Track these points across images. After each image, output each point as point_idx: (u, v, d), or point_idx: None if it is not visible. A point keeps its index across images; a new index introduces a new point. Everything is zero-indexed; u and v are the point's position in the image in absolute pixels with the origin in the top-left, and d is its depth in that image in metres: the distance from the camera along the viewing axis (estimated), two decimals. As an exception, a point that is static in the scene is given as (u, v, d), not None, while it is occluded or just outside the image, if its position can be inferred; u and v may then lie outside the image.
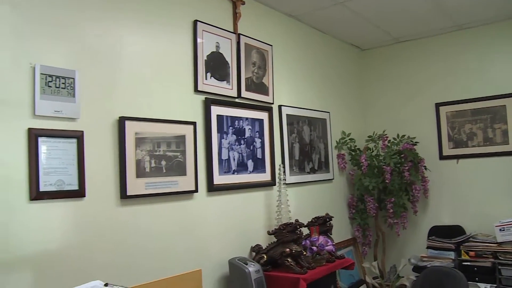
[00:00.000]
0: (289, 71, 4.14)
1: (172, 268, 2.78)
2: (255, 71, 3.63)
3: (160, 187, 2.76)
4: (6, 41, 2.19)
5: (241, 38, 3.52)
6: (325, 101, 4.66)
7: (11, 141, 2.16)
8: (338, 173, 4.77)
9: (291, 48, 4.20)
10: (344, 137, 4.85)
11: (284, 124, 3.93)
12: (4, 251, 2.11)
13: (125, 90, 2.67)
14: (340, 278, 4.30)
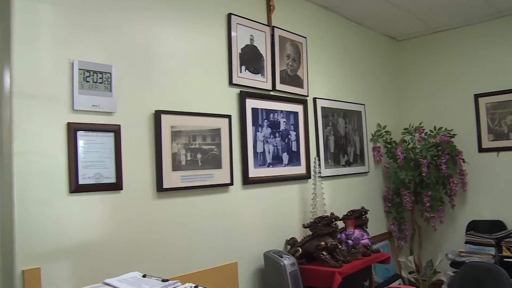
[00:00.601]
0: (324, 63, 4.10)
1: (207, 260, 2.81)
2: (289, 63, 3.61)
3: (196, 180, 2.79)
4: (46, 38, 2.25)
5: (275, 30, 3.50)
6: (360, 93, 4.60)
7: (51, 135, 2.23)
8: (374, 166, 4.71)
9: (326, 40, 4.16)
10: (379, 130, 4.78)
11: (319, 117, 3.90)
12: (46, 242, 2.18)
13: (160, 84, 2.70)
14: (375, 272, 4.26)
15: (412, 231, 4.86)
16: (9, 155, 2.15)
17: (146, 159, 2.59)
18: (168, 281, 1.70)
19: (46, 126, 2.21)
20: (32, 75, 2.19)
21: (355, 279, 3.26)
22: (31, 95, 2.18)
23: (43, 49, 2.24)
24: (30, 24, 2.21)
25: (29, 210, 2.14)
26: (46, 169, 2.20)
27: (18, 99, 2.14)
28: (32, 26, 2.21)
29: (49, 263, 2.18)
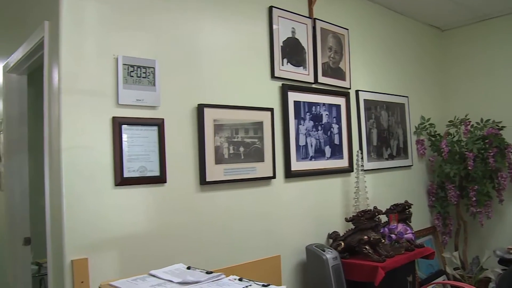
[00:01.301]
0: (366, 55, 4.03)
1: (250, 253, 2.82)
2: (331, 56, 3.57)
3: (239, 173, 2.80)
4: (92, 35, 2.31)
5: (316, 22, 3.46)
6: (404, 85, 4.50)
7: (97, 129, 2.28)
8: (417, 159, 4.61)
9: (368, 31, 4.09)
10: (423, 122, 4.68)
11: (362, 109, 3.85)
12: (93, 233, 2.25)
13: (203, 78, 2.72)
14: (418, 268, 4.18)
15: (457, 226, 4.73)
16: (57, 149, 2.21)
17: (189, 153, 2.62)
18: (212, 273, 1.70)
19: (92, 120, 2.27)
20: (79, 71, 2.25)
21: (398, 274, 3.20)
22: (78, 91, 2.24)
23: (89, 46, 2.29)
24: (77, 21, 2.27)
25: (77, 203, 2.21)
26: (93, 163, 2.26)
27: (66, 95, 2.21)
28: (78, 24, 2.27)
29: (96, 254, 2.24)
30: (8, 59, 3.18)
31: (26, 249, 3.27)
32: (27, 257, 3.30)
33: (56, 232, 2.28)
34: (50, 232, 2.36)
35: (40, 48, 2.57)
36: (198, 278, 1.64)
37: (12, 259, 3.25)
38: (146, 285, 1.61)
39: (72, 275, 2.18)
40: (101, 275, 2.21)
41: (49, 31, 2.38)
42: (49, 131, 2.36)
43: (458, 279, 4.30)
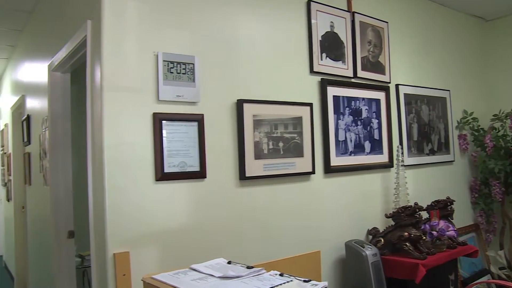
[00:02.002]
0: (406, 49, 3.95)
1: (289, 248, 2.81)
2: (370, 49, 3.51)
3: (278, 169, 2.80)
4: (133, 33, 2.34)
5: (355, 16, 3.41)
6: (445, 79, 4.38)
7: (138, 125, 2.32)
8: (459, 154, 4.50)
9: (408, 24, 4.00)
10: (466, 117, 4.55)
11: (402, 104, 3.78)
12: (135, 228, 2.29)
13: (242, 73, 2.72)
14: (461, 266, 4.08)
15: (502, 224, 4.59)
16: (100, 145, 2.26)
17: (229, 148, 2.63)
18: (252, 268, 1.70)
19: (133, 116, 2.30)
20: (120, 68, 2.29)
21: (439, 272, 3.14)
22: (120, 88, 2.28)
23: (130, 43, 2.33)
24: (118, 20, 2.30)
25: (118, 197, 2.25)
26: (134, 158, 2.29)
27: (108, 92, 2.25)
28: (119, 22, 2.31)
29: (137, 247, 2.28)
30: (53, 58, 3.27)
31: (70, 242, 3.37)
32: (71, 250, 3.39)
33: (99, 226, 2.33)
34: (93, 226, 2.42)
35: (82, 47, 2.63)
36: (239, 272, 1.64)
37: (57, 252, 3.35)
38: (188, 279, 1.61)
39: (114, 268, 2.22)
40: (142, 268, 2.25)
41: (91, 30, 2.43)
42: (92, 127, 2.41)
43: (504, 278, 4.17)
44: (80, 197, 3.43)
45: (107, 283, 2.23)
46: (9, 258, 6.81)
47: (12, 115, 5.79)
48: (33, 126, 4.33)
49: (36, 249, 4.55)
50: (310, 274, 2.43)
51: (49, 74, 3.38)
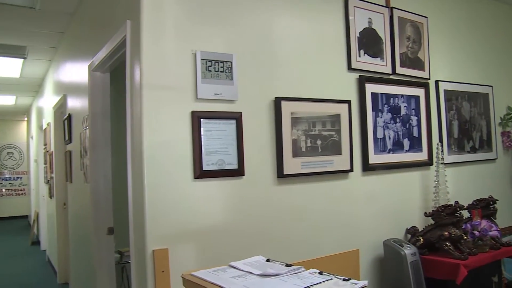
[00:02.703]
0: (447, 44, 3.86)
1: (328, 246, 2.79)
2: (409, 45, 3.45)
3: (316, 167, 2.78)
4: (171, 32, 2.37)
5: (394, 11, 3.36)
6: (488, 74, 4.26)
7: (177, 124, 2.34)
8: (502, 152, 4.36)
9: (448, 18, 3.90)
10: (509, 113, 4.41)
11: (442, 100, 3.69)
12: (173, 225, 2.32)
13: (280, 71, 2.71)
14: (505, 268, 3.95)
15: (548, 224, 4.44)
16: (139, 143, 2.29)
17: (267, 146, 2.63)
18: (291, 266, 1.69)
19: (172, 115, 2.33)
20: (159, 67, 2.32)
21: (481, 274, 3.06)
22: (159, 86, 2.31)
23: (168, 43, 2.36)
24: (156, 20, 2.33)
25: (157, 195, 2.28)
26: (173, 156, 2.32)
27: (147, 91, 2.28)
28: (158, 22, 2.34)
29: (176, 244, 2.31)
30: (93, 58, 3.34)
31: (110, 238, 3.43)
32: (110, 246, 3.45)
33: (138, 223, 2.37)
34: (133, 223, 2.46)
35: (122, 47, 2.68)
36: (278, 270, 1.64)
37: (97, 248, 3.42)
38: (227, 276, 1.62)
39: (153, 264, 2.25)
40: (180, 265, 2.28)
41: (130, 30, 2.47)
42: (132, 125, 2.45)
43: (549, 280, 4.03)
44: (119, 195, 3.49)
45: (146, 279, 2.26)
46: (52, 252, 7.00)
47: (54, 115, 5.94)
48: (74, 125, 4.43)
49: (77, 245, 4.66)
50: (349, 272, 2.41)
51: (89, 74, 3.46)
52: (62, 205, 5.88)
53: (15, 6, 4.29)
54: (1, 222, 12.78)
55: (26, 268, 7.27)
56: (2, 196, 13.51)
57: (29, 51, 5.91)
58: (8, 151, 13.69)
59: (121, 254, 4.11)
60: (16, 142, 13.73)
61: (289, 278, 1.58)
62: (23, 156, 13.74)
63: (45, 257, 7.77)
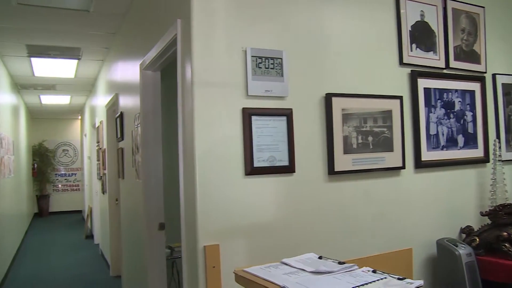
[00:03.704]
0: (506, 35, 3.68)
1: (379, 245, 2.75)
2: (464, 38, 3.33)
3: (367, 163, 2.74)
4: (221, 29, 2.39)
5: (447, 3, 3.25)
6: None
7: (228, 120, 2.36)
8: None
9: (508, 7, 3.73)
10: None
11: (499, 95, 3.55)
12: (224, 221, 2.34)
13: (330, 67, 2.69)
14: None
15: None
16: (191, 140, 2.33)
17: (318, 142, 2.61)
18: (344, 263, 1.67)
19: (223, 112, 2.35)
20: (210, 65, 2.35)
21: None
22: (210, 84, 2.33)
23: (218, 40, 2.38)
24: (207, 18, 2.36)
25: (209, 191, 2.31)
26: (224, 153, 2.34)
27: (198, 88, 2.31)
28: (208, 20, 2.36)
29: (227, 240, 2.33)
30: (144, 57, 3.41)
31: (161, 233, 3.50)
32: (161, 241, 3.52)
33: (190, 219, 2.40)
34: (184, 219, 2.50)
35: (172, 45, 2.72)
36: (331, 268, 1.62)
37: (149, 243, 3.50)
38: (279, 273, 1.62)
39: (204, 260, 2.28)
40: (231, 261, 2.30)
41: (181, 28, 2.50)
42: (183, 122, 2.48)
43: None
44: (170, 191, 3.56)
45: (198, 275, 2.29)
46: (105, 246, 7.22)
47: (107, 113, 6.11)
48: (126, 122, 4.55)
49: (129, 239, 4.78)
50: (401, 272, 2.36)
51: (140, 73, 3.53)
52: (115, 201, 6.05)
53: (70, 10, 4.45)
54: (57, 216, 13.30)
55: (81, 260, 7.54)
56: (58, 191, 14.06)
57: (83, 52, 6.12)
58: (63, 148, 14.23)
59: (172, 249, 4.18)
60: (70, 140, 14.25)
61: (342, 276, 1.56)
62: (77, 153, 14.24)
63: (98, 250, 8.02)
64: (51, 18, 4.76)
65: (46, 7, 4.39)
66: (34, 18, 4.76)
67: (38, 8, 4.41)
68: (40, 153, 13.47)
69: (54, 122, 13.96)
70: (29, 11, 4.49)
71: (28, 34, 5.36)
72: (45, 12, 4.54)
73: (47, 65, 6.88)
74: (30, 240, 9.50)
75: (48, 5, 4.35)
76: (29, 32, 5.27)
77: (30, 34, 5.38)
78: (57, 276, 6.58)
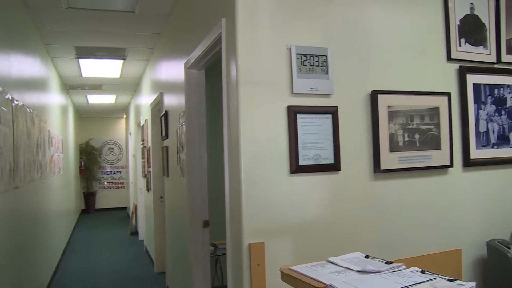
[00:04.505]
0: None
1: (425, 245, 2.68)
2: (517, 31, 3.21)
3: (414, 162, 2.68)
4: (265, 27, 2.39)
5: (501, -5, 3.14)
6: None
7: (273, 119, 2.36)
8: None
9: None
10: None
11: (556, 89, 3.41)
12: (269, 219, 2.34)
13: (376, 63, 2.65)
14: None
15: None
16: (236, 138, 2.34)
17: (363, 140, 2.58)
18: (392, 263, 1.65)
19: (268, 110, 2.36)
20: (255, 63, 2.35)
21: None
22: (254, 82, 2.34)
23: (263, 38, 2.38)
24: (251, 16, 2.37)
25: (254, 189, 2.32)
26: (269, 151, 2.35)
27: (244, 86, 2.32)
28: (253, 18, 2.37)
29: (271, 239, 2.33)
30: (189, 56, 3.45)
31: (205, 231, 3.54)
32: (205, 239, 3.56)
33: (235, 217, 2.42)
34: (229, 216, 2.51)
35: (217, 44, 2.74)
36: (378, 267, 1.60)
37: (193, 240, 3.54)
38: (326, 272, 1.61)
39: (249, 258, 2.29)
40: (276, 259, 2.30)
41: (226, 27, 2.52)
42: (228, 121, 2.50)
43: None
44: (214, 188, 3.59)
45: (242, 273, 2.31)
46: (149, 243, 7.36)
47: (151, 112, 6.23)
48: (171, 121, 4.62)
49: (173, 236, 4.86)
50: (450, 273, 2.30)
51: (185, 72, 3.58)
52: (159, 198, 6.16)
53: (117, 11, 4.57)
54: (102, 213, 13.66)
55: (126, 256, 7.71)
56: (104, 188, 14.43)
57: (128, 52, 6.25)
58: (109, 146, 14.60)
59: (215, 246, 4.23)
60: (116, 138, 14.61)
61: (390, 275, 1.54)
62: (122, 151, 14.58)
63: (143, 247, 8.18)
64: (98, 20, 4.90)
65: (94, 10, 4.53)
66: (82, 21, 4.92)
67: (87, 11, 4.56)
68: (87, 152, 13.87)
69: (100, 121, 14.35)
70: (78, 14, 4.64)
71: (77, 36, 5.53)
72: (93, 15, 4.68)
73: (94, 65, 7.09)
74: (78, 236, 9.79)
75: (96, 8, 4.48)
76: (78, 34, 5.45)
77: (78, 36, 5.56)
78: (103, 270, 6.76)
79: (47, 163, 5.80)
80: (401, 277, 1.52)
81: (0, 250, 3.22)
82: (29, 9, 4.49)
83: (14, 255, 3.68)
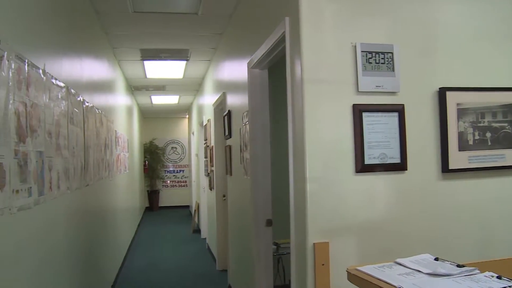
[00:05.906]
0: None
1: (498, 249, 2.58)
2: None
3: (485, 161, 2.58)
4: (329, 25, 2.38)
5: None
6: None
7: (338, 117, 2.35)
8: None
9: None
10: None
11: None
12: (334, 219, 2.34)
13: (444, 60, 2.57)
14: None
15: None
16: (301, 137, 2.34)
17: (430, 139, 2.51)
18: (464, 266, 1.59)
19: (333, 108, 2.35)
20: (319, 61, 2.35)
21: None
22: (319, 80, 2.33)
23: (327, 36, 2.37)
24: (315, 14, 2.36)
25: (319, 188, 2.31)
26: (334, 150, 2.33)
27: (308, 85, 2.32)
28: (317, 16, 2.36)
29: (336, 238, 2.32)
30: (252, 56, 3.48)
31: (268, 230, 3.55)
32: (268, 238, 3.58)
33: (299, 216, 2.42)
34: (294, 215, 2.52)
35: (280, 43, 2.75)
36: (449, 270, 1.55)
37: (256, 239, 3.57)
38: (394, 273, 1.58)
39: (313, 257, 2.29)
40: (340, 259, 2.28)
41: (289, 26, 2.52)
42: (293, 120, 2.50)
43: None
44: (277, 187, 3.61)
45: (306, 272, 2.31)
46: (212, 241, 7.48)
47: (214, 111, 6.32)
48: (234, 120, 4.67)
49: (235, 235, 4.91)
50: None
51: (248, 72, 3.61)
52: (222, 197, 6.24)
53: (180, 13, 4.68)
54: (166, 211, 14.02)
55: (189, 253, 7.88)
56: (167, 187, 14.81)
57: (191, 53, 6.39)
58: (172, 146, 14.97)
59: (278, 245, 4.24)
60: (178, 138, 14.95)
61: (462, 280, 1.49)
62: (185, 150, 14.91)
63: (205, 244, 8.33)
64: (162, 23, 5.04)
65: (158, 13, 4.66)
66: (147, 24, 5.08)
67: (151, 14, 4.70)
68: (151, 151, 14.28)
69: (163, 121, 14.74)
70: (143, 17, 4.80)
71: (142, 39, 5.72)
72: (157, 18, 4.82)
73: (158, 67, 7.29)
74: (143, 232, 10.11)
75: (160, 11, 4.61)
76: (143, 37, 5.63)
77: (143, 39, 5.74)
78: (167, 266, 6.94)
79: (114, 162, 6.03)
80: (475, 282, 1.46)
81: (73, 244, 3.38)
82: (99, 15, 4.69)
83: (85, 249, 3.85)
